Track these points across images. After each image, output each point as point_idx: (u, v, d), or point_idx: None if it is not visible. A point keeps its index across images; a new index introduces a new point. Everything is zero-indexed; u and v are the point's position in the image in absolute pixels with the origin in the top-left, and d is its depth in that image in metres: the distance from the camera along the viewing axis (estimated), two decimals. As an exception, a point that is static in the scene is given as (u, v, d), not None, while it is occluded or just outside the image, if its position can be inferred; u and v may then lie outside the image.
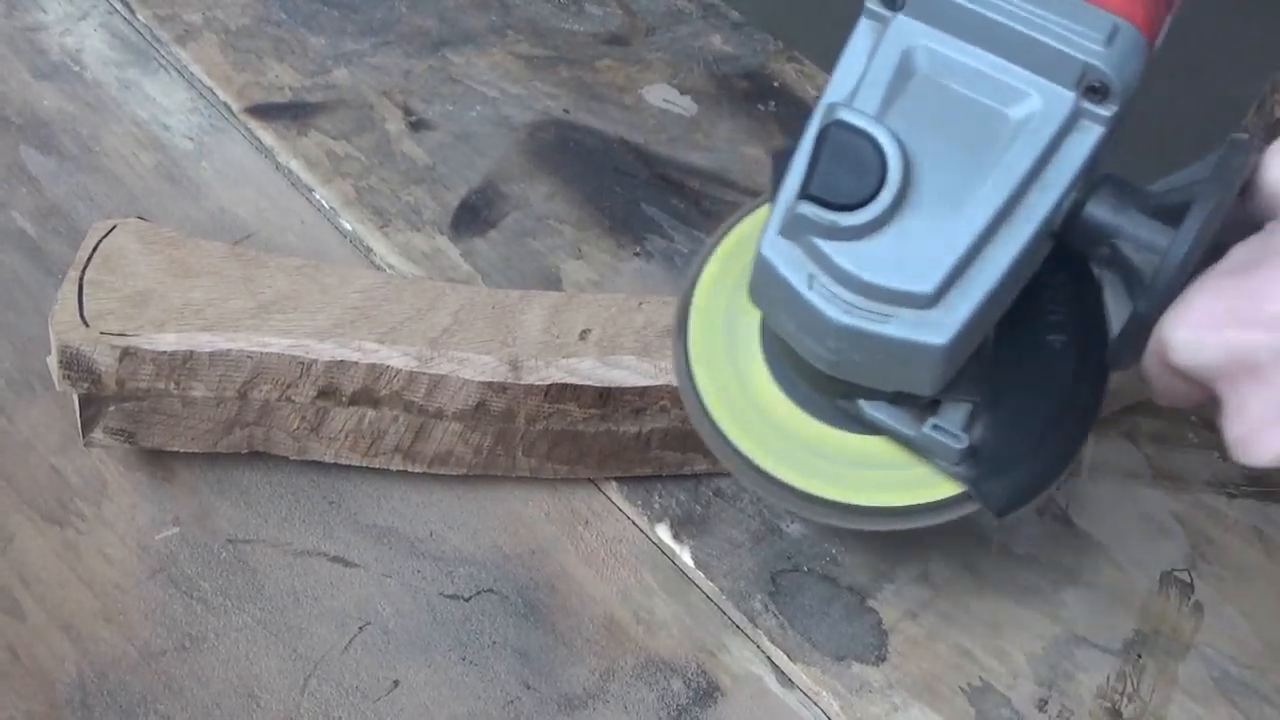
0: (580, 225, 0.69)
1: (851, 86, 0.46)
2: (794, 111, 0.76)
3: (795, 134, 0.47)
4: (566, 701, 0.53)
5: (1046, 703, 0.55)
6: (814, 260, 0.45)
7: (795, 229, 0.45)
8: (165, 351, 0.53)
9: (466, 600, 0.56)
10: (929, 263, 0.44)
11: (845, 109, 0.45)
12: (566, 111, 0.75)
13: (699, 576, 0.58)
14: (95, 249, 0.56)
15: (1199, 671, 0.57)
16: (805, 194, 0.45)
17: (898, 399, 0.48)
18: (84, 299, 0.54)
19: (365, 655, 0.53)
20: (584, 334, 0.57)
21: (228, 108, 0.71)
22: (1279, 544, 0.62)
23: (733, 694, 0.55)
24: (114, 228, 0.57)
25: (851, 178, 0.44)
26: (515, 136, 0.73)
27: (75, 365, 0.52)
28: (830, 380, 0.48)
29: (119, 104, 0.71)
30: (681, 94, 0.78)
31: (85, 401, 0.54)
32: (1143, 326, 0.46)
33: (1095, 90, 0.44)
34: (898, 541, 0.58)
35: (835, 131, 0.45)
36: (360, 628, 0.54)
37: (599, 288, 0.66)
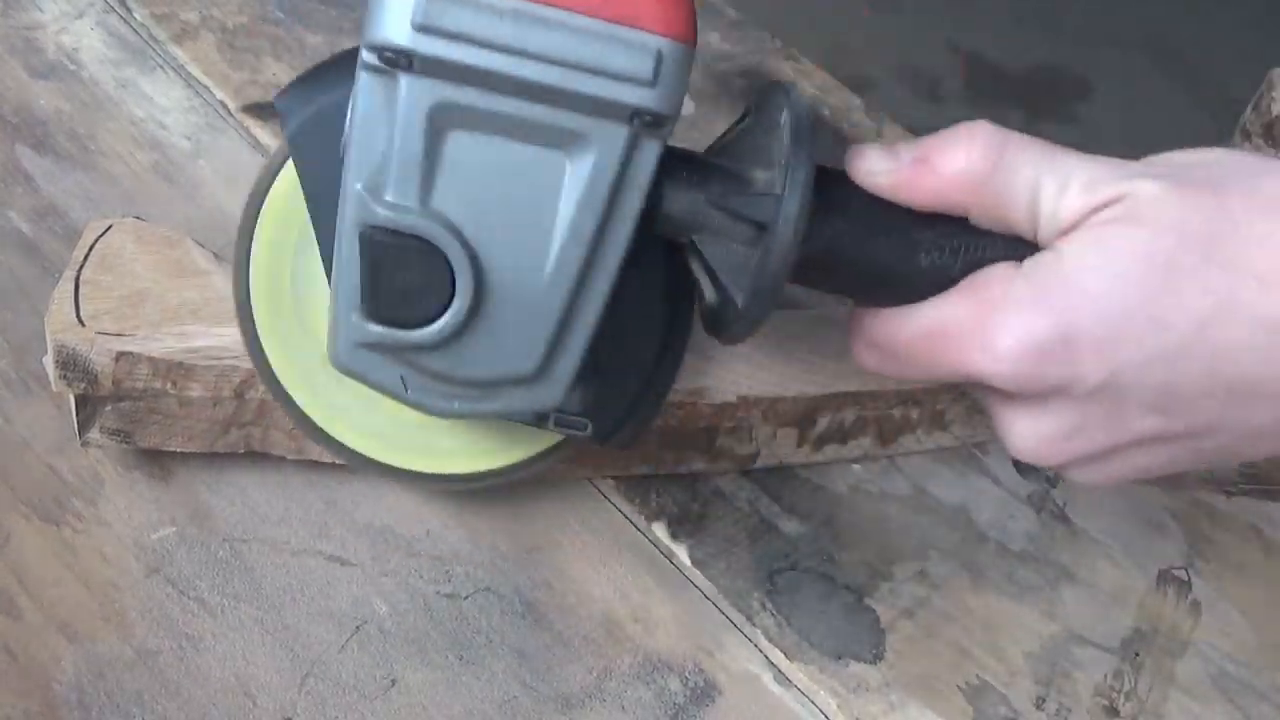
0: (577, 224, 0.69)
1: (376, 164, 0.41)
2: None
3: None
4: (564, 700, 0.53)
5: (1044, 701, 0.55)
6: (403, 364, 0.43)
7: (374, 347, 0.43)
8: (162, 351, 0.53)
9: (464, 599, 0.56)
10: (524, 344, 0.43)
11: (385, 208, 0.41)
12: (564, 110, 0.75)
13: (696, 575, 0.58)
14: (92, 248, 0.56)
15: (1196, 669, 0.57)
16: (374, 317, 0.42)
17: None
18: (80, 299, 0.53)
19: (362, 654, 0.53)
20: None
21: (225, 106, 0.71)
22: (1277, 542, 0.62)
23: (730, 692, 0.55)
24: (110, 227, 0.57)
25: (417, 292, 0.41)
26: (512, 135, 0.73)
27: (72, 365, 0.52)
28: None
29: (116, 103, 0.71)
30: (679, 92, 0.77)
31: (82, 401, 0.54)
32: (750, 323, 0.45)
33: (649, 122, 0.41)
34: (893, 536, 0.58)
35: (382, 237, 0.41)
36: (357, 627, 0.54)
37: (596, 286, 0.66)
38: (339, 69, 0.45)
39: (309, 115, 0.46)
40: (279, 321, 0.50)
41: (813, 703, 0.55)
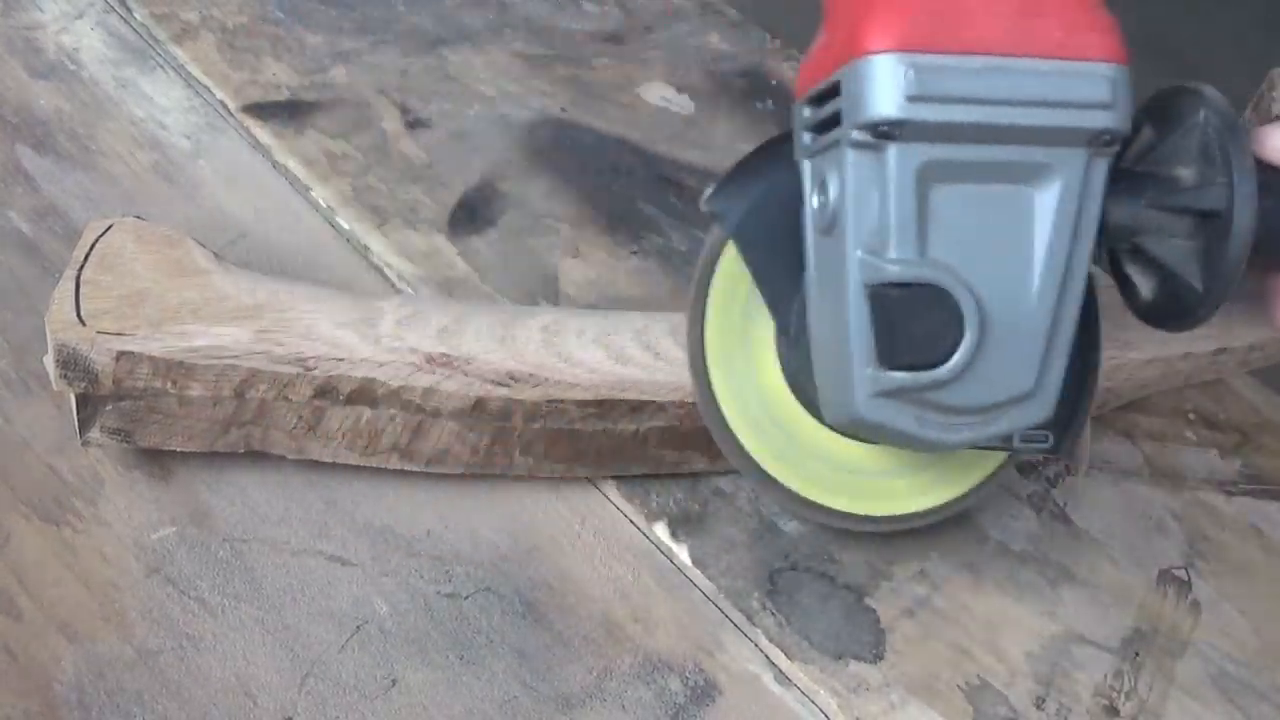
0: (578, 224, 0.69)
1: (873, 229, 0.45)
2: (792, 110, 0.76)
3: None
4: (564, 700, 0.53)
5: (1044, 700, 0.55)
6: (917, 405, 0.46)
7: (894, 394, 0.46)
8: (162, 351, 0.53)
9: (464, 599, 0.56)
10: (1022, 365, 0.46)
11: (890, 263, 0.44)
12: (564, 110, 0.75)
13: (697, 575, 0.58)
14: (92, 248, 0.55)
15: (1197, 669, 0.57)
16: (893, 364, 0.45)
17: None
18: (81, 298, 0.53)
19: (362, 654, 0.53)
20: (580, 333, 0.57)
21: (224, 106, 0.71)
22: (1277, 542, 0.62)
23: (730, 692, 0.55)
24: (110, 227, 0.57)
25: (931, 332, 0.45)
26: (513, 135, 0.73)
27: (72, 364, 0.52)
28: None
29: (116, 103, 0.71)
30: (679, 92, 0.78)
31: (82, 401, 0.54)
32: (1213, 302, 0.47)
33: (1106, 141, 0.45)
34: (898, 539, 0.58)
35: (893, 291, 0.44)
36: (357, 627, 0.54)
37: (596, 286, 0.66)
38: (758, 160, 0.51)
39: (746, 209, 0.50)
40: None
41: (813, 702, 0.55)
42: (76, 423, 0.54)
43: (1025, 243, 0.45)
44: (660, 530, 0.58)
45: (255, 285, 0.56)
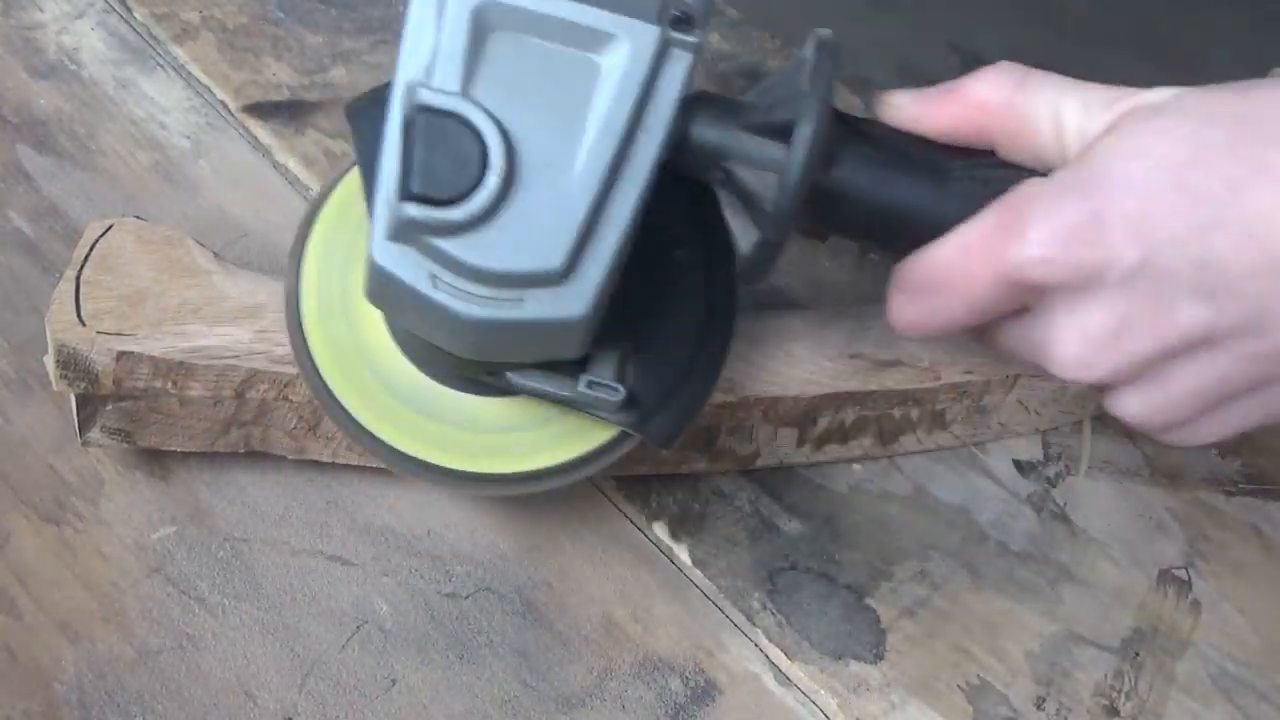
0: (578, 224, 0.69)
1: (426, 60, 0.44)
2: None
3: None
4: (564, 700, 0.53)
5: (1044, 700, 0.55)
6: (432, 258, 0.44)
7: (405, 232, 0.43)
8: (162, 351, 0.53)
9: (464, 599, 0.56)
10: (552, 238, 0.43)
11: (427, 90, 0.43)
12: (564, 110, 0.75)
13: (697, 575, 0.58)
14: (92, 248, 0.55)
15: (1197, 669, 0.57)
16: (407, 194, 0.43)
17: (547, 369, 0.48)
18: (81, 298, 0.53)
19: (363, 654, 0.53)
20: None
21: (225, 106, 0.71)
22: (1277, 542, 0.62)
23: (730, 692, 0.55)
24: (111, 227, 0.57)
25: (452, 167, 0.43)
26: (513, 135, 0.73)
27: (72, 365, 0.52)
28: (475, 366, 0.48)
29: (116, 103, 0.71)
30: (679, 92, 0.77)
31: (82, 401, 0.54)
32: (771, 248, 0.46)
33: (680, 20, 0.43)
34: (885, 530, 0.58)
35: (423, 118, 0.43)
36: (358, 626, 0.54)
37: (596, 286, 0.66)
38: None
39: (367, 98, 0.49)
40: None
41: (813, 702, 0.55)
42: (77, 423, 0.54)
43: (579, 111, 0.44)
44: (661, 530, 0.58)
45: (255, 285, 0.56)
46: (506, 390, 0.50)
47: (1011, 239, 0.43)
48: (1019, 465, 0.63)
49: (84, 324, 0.53)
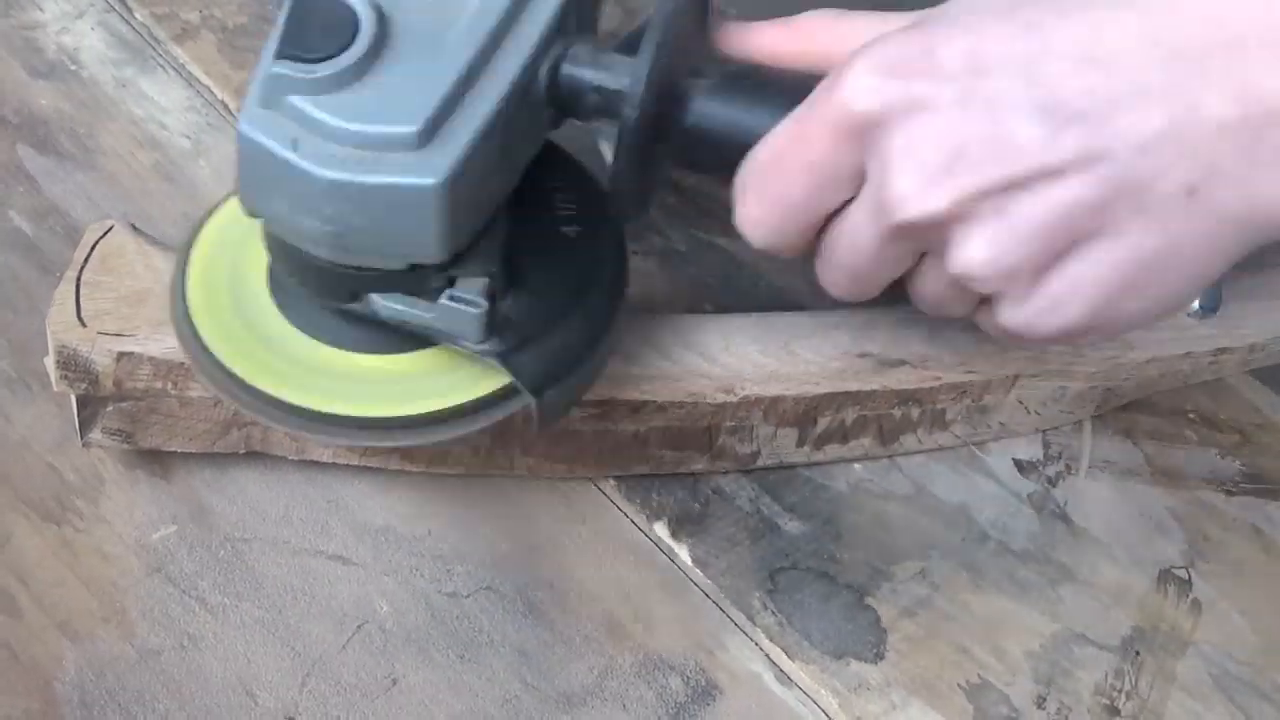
0: (578, 223, 0.69)
1: None
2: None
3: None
4: (565, 699, 0.53)
5: (1045, 700, 0.55)
6: (296, 121, 0.45)
7: (274, 92, 0.45)
8: (163, 352, 0.53)
9: (465, 598, 0.56)
10: (413, 104, 0.45)
11: None
12: (564, 110, 0.75)
13: (697, 574, 0.58)
14: (93, 249, 0.56)
15: (1197, 669, 0.57)
16: (279, 55, 0.45)
17: (410, 288, 0.48)
18: (81, 299, 0.53)
19: (363, 653, 0.53)
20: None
21: (225, 106, 0.71)
22: (1277, 541, 0.62)
23: (731, 692, 0.55)
24: (111, 228, 0.57)
25: (323, 31, 0.45)
26: (513, 135, 0.73)
27: (73, 365, 0.52)
28: (337, 280, 0.48)
29: (116, 103, 0.71)
30: (679, 92, 0.77)
31: (83, 401, 0.54)
32: (624, 164, 0.49)
33: None
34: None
35: None
36: (358, 626, 0.54)
37: (597, 286, 0.66)
38: None
39: None
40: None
41: (814, 702, 0.55)
42: (77, 423, 0.54)
43: None
44: (661, 530, 0.59)
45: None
46: (382, 347, 0.51)
47: (836, 85, 0.44)
48: (1019, 465, 0.63)
49: (84, 324, 0.53)
